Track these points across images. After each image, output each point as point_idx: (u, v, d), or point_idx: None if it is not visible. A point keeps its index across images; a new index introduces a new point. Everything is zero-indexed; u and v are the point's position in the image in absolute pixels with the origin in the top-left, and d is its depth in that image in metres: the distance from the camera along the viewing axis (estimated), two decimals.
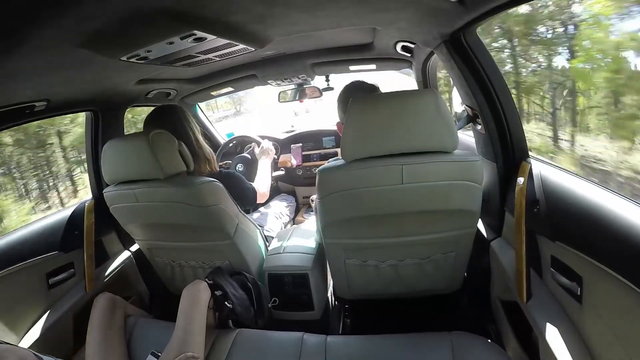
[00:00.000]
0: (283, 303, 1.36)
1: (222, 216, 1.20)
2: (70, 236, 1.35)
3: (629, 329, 0.65)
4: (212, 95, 2.12)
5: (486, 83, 1.07)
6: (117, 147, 1.16)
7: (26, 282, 1.20)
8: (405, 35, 1.33)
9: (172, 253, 1.38)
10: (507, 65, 3.46)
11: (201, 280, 1.14)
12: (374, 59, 1.73)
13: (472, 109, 1.15)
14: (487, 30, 3.37)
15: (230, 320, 1.14)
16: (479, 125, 1.16)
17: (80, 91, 1.24)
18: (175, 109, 1.33)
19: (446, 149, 0.95)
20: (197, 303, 1.07)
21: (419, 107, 0.92)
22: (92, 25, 0.72)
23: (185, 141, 1.26)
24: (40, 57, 0.80)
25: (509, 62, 3.43)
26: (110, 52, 0.88)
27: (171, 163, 1.15)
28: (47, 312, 1.24)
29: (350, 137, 0.96)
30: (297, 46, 1.57)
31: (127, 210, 1.23)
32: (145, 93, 1.61)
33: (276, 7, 0.86)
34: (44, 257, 1.25)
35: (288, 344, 1.04)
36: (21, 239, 1.23)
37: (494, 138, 1.10)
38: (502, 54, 3.34)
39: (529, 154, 1.10)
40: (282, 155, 2.37)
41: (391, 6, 0.95)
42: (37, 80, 0.97)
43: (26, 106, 1.09)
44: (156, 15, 0.75)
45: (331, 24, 1.10)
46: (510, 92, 1.09)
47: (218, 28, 0.90)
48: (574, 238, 0.79)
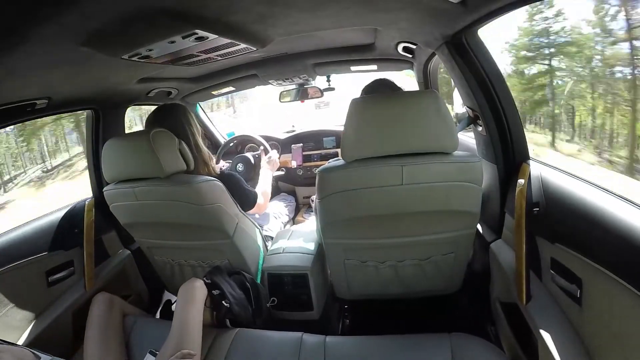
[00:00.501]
0: (282, 303, 1.36)
1: (221, 215, 1.20)
2: (70, 234, 1.35)
3: (628, 331, 0.65)
4: (213, 94, 2.12)
5: (487, 85, 1.07)
6: (117, 145, 1.16)
7: (26, 280, 1.20)
8: (406, 36, 1.33)
9: (171, 252, 1.38)
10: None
11: (198, 278, 1.14)
12: (375, 60, 1.73)
13: (473, 110, 1.15)
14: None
15: (227, 320, 1.15)
16: (479, 126, 1.17)
17: (81, 89, 1.24)
18: (178, 109, 1.33)
19: (446, 150, 0.95)
20: (193, 301, 1.07)
21: (420, 108, 0.92)
22: (94, 24, 0.73)
23: (185, 142, 1.26)
24: (41, 55, 0.80)
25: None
26: (111, 50, 0.88)
27: (171, 162, 1.15)
28: (46, 310, 1.24)
29: (350, 138, 0.96)
30: (298, 46, 1.57)
31: (127, 208, 1.23)
32: (146, 92, 1.61)
33: (277, 6, 0.86)
34: (44, 255, 1.25)
35: (287, 344, 1.04)
36: (21, 236, 1.23)
37: (495, 139, 1.10)
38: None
39: (530, 155, 1.10)
40: (282, 155, 2.37)
41: (393, 7, 0.95)
42: (39, 78, 0.97)
43: (27, 104, 1.10)
44: (158, 14, 0.75)
45: (332, 24, 1.10)
46: (511, 94, 1.09)
47: (219, 27, 0.90)
48: (573, 240, 0.79)
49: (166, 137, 1.16)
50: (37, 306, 1.23)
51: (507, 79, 1.09)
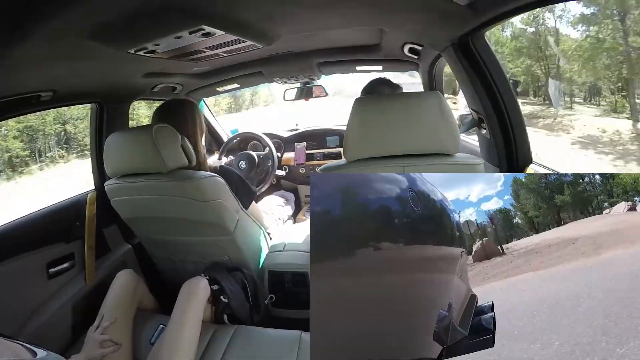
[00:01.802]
0: (282, 301, 1.36)
1: (222, 211, 1.20)
2: (72, 227, 1.35)
3: None
4: (217, 91, 2.12)
5: (492, 88, 1.07)
6: (119, 139, 1.16)
7: (26, 272, 1.20)
8: (413, 38, 1.33)
9: (172, 247, 1.38)
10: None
11: (202, 277, 1.14)
12: (380, 60, 1.72)
13: (477, 112, 1.15)
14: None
15: (225, 315, 1.15)
16: (483, 129, 1.16)
17: (86, 83, 1.24)
18: (184, 106, 1.32)
19: (448, 152, 0.94)
20: (194, 299, 1.07)
21: (422, 108, 0.91)
22: (101, 18, 0.73)
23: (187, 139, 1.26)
24: (47, 48, 0.80)
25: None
26: (118, 44, 0.88)
27: (173, 157, 1.15)
28: (46, 303, 1.24)
29: (352, 137, 0.96)
30: (304, 44, 1.56)
31: (128, 203, 1.24)
32: (151, 87, 1.61)
33: (286, 4, 0.86)
34: (45, 247, 1.25)
35: (286, 342, 1.04)
36: (22, 228, 1.23)
37: (499, 143, 1.10)
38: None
39: (532, 159, 1.10)
40: (285, 154, 2.37)
41: (400, 8, 0.95)
42: (44, 70, 0.97)
43: (32, 96, 1.10)
44: (165, 9, 0.75)
45: (339, 23, 1.10)
46: (515, 98, 1.09)
47: (227, 24, 0.90)
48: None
49: (169, 132, 1.15)
50: (37, 298, 1.23)
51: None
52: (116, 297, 1.12)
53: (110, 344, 1.00)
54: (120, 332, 1.05)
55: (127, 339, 1.06)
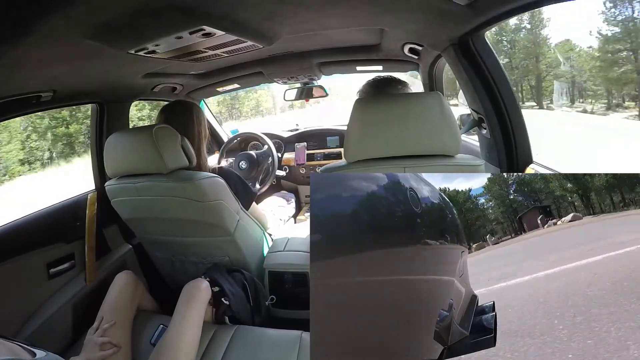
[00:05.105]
0: (283, 301, 1.36)
1: (222, 212, 1.20)
2: (72, 227, 1.35)
3: None
4: (217, 91, 2.12)
5: (493, 88, 1.07)
6: (119, 140, 1.16)
7: (26, 272, 1.20)
8: (413, 38, 1.33)
9: (172, 248, 1.38)
10: None
11: (203, 279, 1.14)
12: (380, 60, 1.72)
13: (477, 113, 1.15)
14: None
15: (226, 317, 1.15)
16: (484, 129, 1.16)
17: (86, 83, 1.24)
18: (187, 109, 1.32)
19: (449, 153, 0.94)
20: (195, 301, 1.07)
21: (423, 109, 0.91)
22: (102, 17, 0.73)
23: (190, 141, 1.26)
24: (48, 47, 0.80)
25: None
26: (118, 44, 0.88)
27: (174, 158, 1.15)
28: (46, 303, 1.24)
29: (353, 138, 0.95)
30: (304, 45, 1.56)
31: (128, 204, 1.24)
32: (151, 87, 1.61)
33: (286, 4, 0.86)
34: (45, 248, 1.25)
35: (286, 342, 1.04)
36: (22, 228, 1.23)
37: (499, 143, 1.10)
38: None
39: (533, 159, 1.10)
40: (285, 154, 2.37)
41: (401, 8, 0.95)
42: (44, 70, 0.97)
43: (32, 96, 1.10)
44: (166, 9, 0.75)
45: (340, 23, 1.10)
46: (516, 98, 1.09)
47: (227, 24, 0.90)
48: None
49: (169, 133, 1.15)
50: (37, 298, 1.23)
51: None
52: (115, 299, 1.11)
53: (110, 346, 0.99)
54: (119, 333, 1.04)
55: (126, 341, 1.05)
